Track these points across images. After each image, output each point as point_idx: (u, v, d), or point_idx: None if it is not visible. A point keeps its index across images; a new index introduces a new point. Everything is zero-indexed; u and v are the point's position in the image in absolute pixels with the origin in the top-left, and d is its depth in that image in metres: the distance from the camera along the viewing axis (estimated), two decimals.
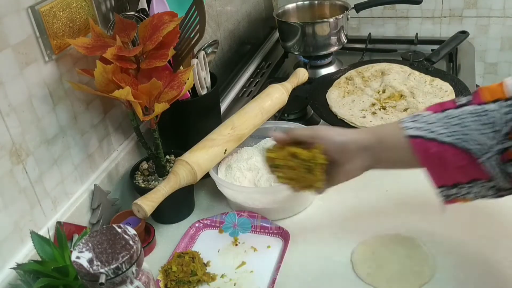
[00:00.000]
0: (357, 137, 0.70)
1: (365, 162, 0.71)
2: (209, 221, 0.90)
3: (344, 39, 1.41)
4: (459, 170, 0.63)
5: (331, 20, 1.35)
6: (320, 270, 0.78)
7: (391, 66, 1.25)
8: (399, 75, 1.21)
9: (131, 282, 0.58)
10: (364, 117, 1.08)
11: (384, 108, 1.11)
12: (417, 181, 0.94)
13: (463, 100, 0.65)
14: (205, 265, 0.81)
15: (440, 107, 0.66)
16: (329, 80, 1.25)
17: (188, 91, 0.93)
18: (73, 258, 0.57)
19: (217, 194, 0.95)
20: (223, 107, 1.29)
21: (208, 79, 1.00)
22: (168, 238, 0.89)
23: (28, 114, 0.73)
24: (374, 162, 0.71)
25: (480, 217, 0.84)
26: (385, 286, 0.73)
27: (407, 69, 1.23)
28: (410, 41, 1.53)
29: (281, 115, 1.16)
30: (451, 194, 0.66)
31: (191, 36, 0.84)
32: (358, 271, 0.76)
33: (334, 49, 1.40)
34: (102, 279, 0.55)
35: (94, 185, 0.87)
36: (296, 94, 1.11)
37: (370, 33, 1.58)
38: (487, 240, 0.79)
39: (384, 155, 0.69)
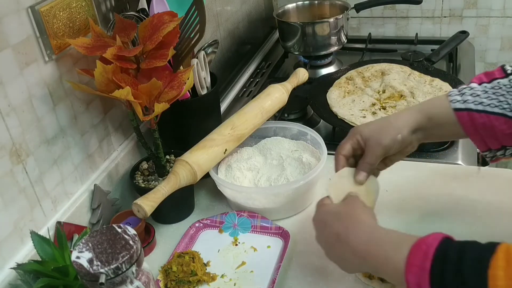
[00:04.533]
0: (408, 120, 0.73)
1: (417, 140, 0.75)
2: (209, 221, 0.90)
3: (344, 39, 1.41)
4: (508, 136, 0.66)
5: (331, 20, 1.36)
6: (320, 270, 0.78)
7: (391, 66, 1.25)
8: (399, 75, 1.21)
9: (131, 282, 0.58)
10: (364, 117, 1.08)
11: (384, 108, 1.11)
12: (417, 181, 0.94)
13: (510, 69, 0.68)
14: (205, 265, 0.81)
15: (487, 77, 0.69)
16: (329, 80, 1.25)
17: (188, 91, 0.93)
18: (73, 258, 0.57)
19: (217, 194, 0.95)
20: (223, 107, 1.29)
21: (208, 79, 1.00)
22: (168, 238, 0.89)
23: (28, 114, 0.73)
24: (424, 138, 0.75)
25: (481, 216, 0.84)
26: (385, 286, 0.73)
27: (407, 69, 1.23)
28: (410, 41, 1.54)
29: (281, 115, 1.16)
30: (497, 155, 0.70)
31: (191, 36, 0.84)
32: None
33: (334, 49, 1.40)
34: (102, 279, 0.55)
35: (94, 185, 0.87)
36: (296, 94, 1.11)
37: (370, 33, 1.58)
38: (487, 239, 0.79)
39: (434, 131, 0.73)
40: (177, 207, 0.92)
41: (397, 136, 0.71)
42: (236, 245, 0.85)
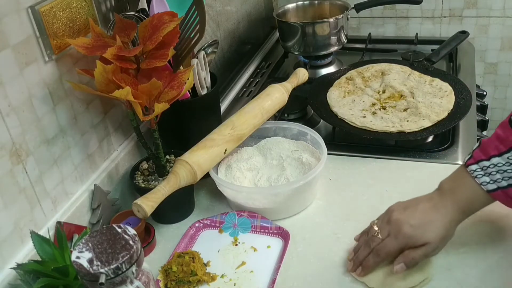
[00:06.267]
0: (446, 222, 0.73)
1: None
2: (209, 221, 0.90)
3: (344, 39, 1.41)
4: None
5: (331, 20, 1.35)
6: (320, 270, 0.78)
7: (391, 66, 1.25)
8: (399, 75, 1.21)
9: (131, 282, 0.58)
10: (364, 117, 1.08)
11: (384, 108, 1.11)
12: (417, 181, 0.94)
13: None
14: (205, 265, 0.81)
15: (503, 145, 0.69)
16: (329, 80, 1.25)
17: (188, 91, 0.93)
18: (73, 258, 0.57)
19: (217, 194, 0.95)
20: (223, 107, 1.29)
21: (208, 79, 1.00)
22: (168, 238, 0.89)
23: (28, 114, 0.73)
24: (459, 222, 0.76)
25: (480, 216, 0.84)
26: (384, 286, 0.73)
27: (407, 69, 1.23)
28: (410, 41, 1.53)
29: (281, 115, 1.16)
30: None
31: (191, 36, 0.84)
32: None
33: (334, 49, 1.40)
34: (102, 279, 0.55)
35: (94, 185, 0.87)
36: (296, 94, 1.11)
37: (370, 33, 1.58)
38: (487, 239, 0.79)
39: (469, 215, 0.75)
40: (177, 207, 0.92)
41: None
42: (236, 245, 0.85)
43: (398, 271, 0.72)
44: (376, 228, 0.75)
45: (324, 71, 1.40)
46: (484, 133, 1.23)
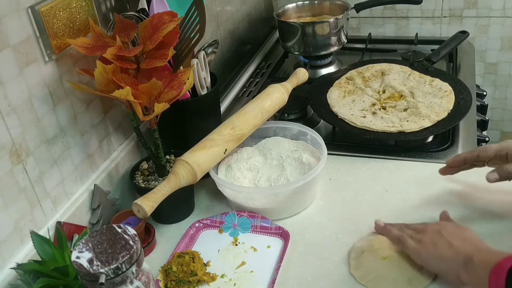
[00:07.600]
0: None
1: None
2: (209, 221, 0.90)
3: (344, 39, 1.41)
4: None
5: (331, 20, 1.36)
6: (320, 270, 0.78)
7: (391, 66, 1.25)
8: (399, 75, 1.21)
9: (131, 282, 0.58)
10: (365, 117, 1.08)
11: (384, 108, 1.11)
12: (417, 181, 0.94)
13: None
14: (205, 265, 0.81)
15: None
16: (329, 80, 1.25)
17: (188, 91, 0.93)
18: (73, 258, 0.57)
19: (217, 194, 0.95)
20: (223, 107, 1.29)
21: (208, 79, 1.00)
22: (168, 238, 0.89)
23: (28, 114, 0.73)
24: None
25: (481, 216, 0.84)
26: (385, 287, 0.73)
27: (407, 69, 1.23)
28: (410, 41, 1.53)
29: (281, 115, 1.16)
30: None
31: (191, 36, 0.84)
32: (355, 271, 0.76)
33: (334, 49, 1.40)
34: (102, 279, 0.55)
35: (94, 185, 0.87)
36: (296, 94, 1.11)
37: (370, 33, 1.58)
38: (488, 240, 0.79)
39: None
40: (177, 207, 0.92)
41: None
42: (236, 245, 0.85)
43: (490, 179, 0.79)
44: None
45: (324, 71, 1.40)
46: (484, 133, 1.23)
